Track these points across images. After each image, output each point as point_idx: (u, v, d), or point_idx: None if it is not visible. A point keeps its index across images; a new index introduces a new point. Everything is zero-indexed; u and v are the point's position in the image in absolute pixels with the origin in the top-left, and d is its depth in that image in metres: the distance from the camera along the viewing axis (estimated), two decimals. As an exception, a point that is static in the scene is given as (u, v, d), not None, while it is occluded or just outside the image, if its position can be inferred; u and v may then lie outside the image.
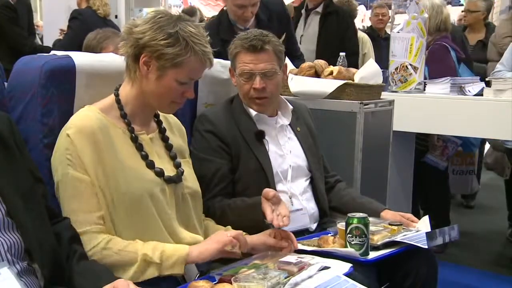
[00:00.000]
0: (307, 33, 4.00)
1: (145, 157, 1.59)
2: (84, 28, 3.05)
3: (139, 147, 1.60)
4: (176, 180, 1.63)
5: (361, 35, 4.99)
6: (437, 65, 3.67)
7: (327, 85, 2.55)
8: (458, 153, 4.00)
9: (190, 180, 1.72)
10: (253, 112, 2.02)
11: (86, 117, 1.53)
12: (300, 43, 3.94)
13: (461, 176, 4.09)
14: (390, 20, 3.63)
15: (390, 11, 3.45)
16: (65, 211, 1.49)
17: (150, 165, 1.59)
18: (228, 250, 1.52)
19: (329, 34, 3.91)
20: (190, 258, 1.50)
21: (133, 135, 1.59)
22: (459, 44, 4.08)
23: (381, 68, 2.82)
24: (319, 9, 3.99)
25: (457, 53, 3.78)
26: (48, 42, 4.58)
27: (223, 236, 1.54)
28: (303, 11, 4.14)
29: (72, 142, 1.48)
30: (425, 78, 3.42)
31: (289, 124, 2.11)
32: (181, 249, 1.50)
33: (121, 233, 1.51)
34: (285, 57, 2.09)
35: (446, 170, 3.90)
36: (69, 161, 1.48)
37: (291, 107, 2.11)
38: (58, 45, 4.25)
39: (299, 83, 2.62)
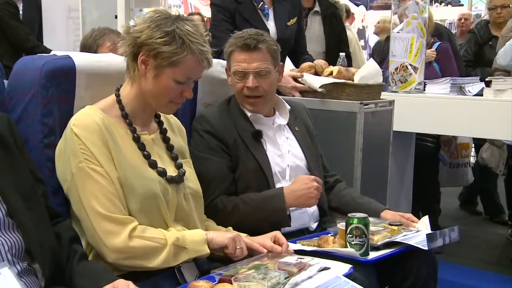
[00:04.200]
0: (310, 34, 3.78)
1: (147, 157, 1.59)
2: None
3: (141, 147, 1.60)
4: (178, 180, 1.63)
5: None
6: (451, 62, 3.81)
7: (325, 81, 2.54)
8: (454, 147, 4.03)
9: (192, 180, 1.72)
10: (248, 112, 2.02)
11: (88, 115, 1.52)
12: None
13: (457, 169, 4.10)
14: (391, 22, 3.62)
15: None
16: (85, 200, 1.46)
17: (153, 164, 1.59)
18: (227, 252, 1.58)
19: (334, 36, 3.82)
20: (208, 236, 1.58)
21: (135, 135, 1.59)
22: (446, 42, 4.13)
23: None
24: (317, 8, 3.84)
25: None
26: (48, 42, 4.53)
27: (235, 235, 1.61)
28: None
29: (80, 138, 1.47)
30: (438, 76, 3.44)
31: (287, 124, 2.10)
32: (199, 232, 1.59)
33: None
34: (284, 57, 2.08)
35: (438, 162, 3.95)
36: (83, 154, 1.47)
37: (288, 107, 2.10)
38: None
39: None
